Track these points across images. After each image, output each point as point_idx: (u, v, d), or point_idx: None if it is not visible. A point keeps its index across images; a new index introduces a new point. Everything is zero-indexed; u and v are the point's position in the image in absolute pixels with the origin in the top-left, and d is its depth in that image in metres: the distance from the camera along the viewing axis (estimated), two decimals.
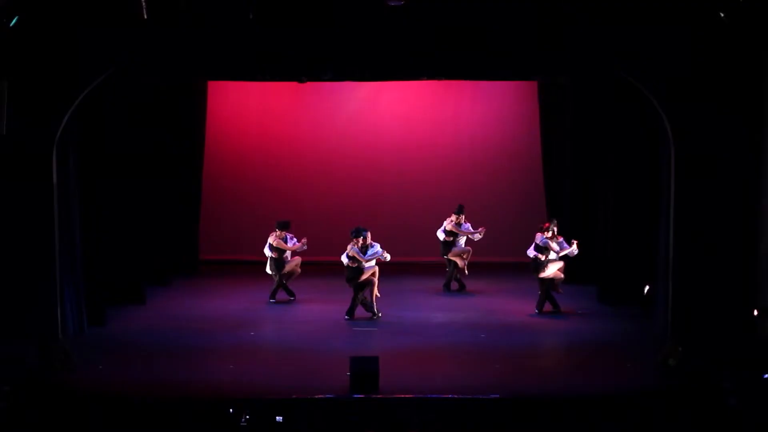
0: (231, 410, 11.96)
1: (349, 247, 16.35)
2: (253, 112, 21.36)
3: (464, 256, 18.39)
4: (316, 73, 15.32)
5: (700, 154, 14.36)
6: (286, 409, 12.06)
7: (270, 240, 17.44)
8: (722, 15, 13.49)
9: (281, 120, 21.35)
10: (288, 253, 17.57)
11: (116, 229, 16.88)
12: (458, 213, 18.30)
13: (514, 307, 17.23)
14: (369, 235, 16.51)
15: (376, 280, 16.46)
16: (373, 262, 16.43)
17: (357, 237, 16.40)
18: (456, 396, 12.36)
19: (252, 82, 19.76)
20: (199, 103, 20.11)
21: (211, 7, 13.93)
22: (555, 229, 16.72)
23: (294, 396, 12.37)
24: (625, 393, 12.58)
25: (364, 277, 16.34)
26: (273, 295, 17.77)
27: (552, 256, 16.62)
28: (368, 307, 16.51)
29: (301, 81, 16.37)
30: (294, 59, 14.72)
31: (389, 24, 14.05)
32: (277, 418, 11.96)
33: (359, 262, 16.29)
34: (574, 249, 16.68)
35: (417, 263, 20.19)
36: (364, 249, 16.39)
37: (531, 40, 14.25)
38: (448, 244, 18.35)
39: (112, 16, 13.64)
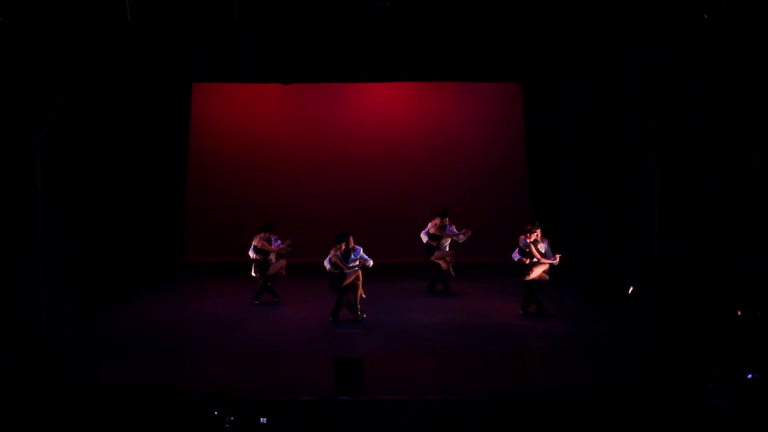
0: (216, 412, 11.94)
1: (331, 252, 16.32)
2: (238, 114, 21.29)
3: (447, 259, 18.39)
4: (300, 74, 15.31)
5: (688, 156, 14.40)
6: (270, 411, 12.04)
7: (254, 242, 17.43)
8: (705, 16, 13.53)
9: (266, 121, 21.30)
10: (272, 255, 17.56)
11: (103, 231, 16.87)
12: (442, 216, 18.31)
13: (499, 308, 17.23)
14: (351, 239, 16.50)
15: (359, 282, 16.45)
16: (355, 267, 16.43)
17: (339, 242, 16.35)
18: (441, 397, 12.38)
19: (237, 83, 19.72)
20: (184, 104, 20.05)
21: (196, 8, 13.92)
22: (539, 231, 16.68)
23: (278, 398, 12.37)
24: (611, 394, 12.62)
25: (347, 282, 16.33)
26: (258, 297, 17.75)
27: (536, 258, 16.61)
28: (352, 308, 16.50)
29: (285, 82, 16.35)
30: (279, 60, 14.71)
31: (374, 25, 14.06)
32: (261, 419, 11.95)
33: (341, 268, 16.28)
34: (555, 261, 16.62)
35: (402, 264, 20.12)
36: (346, 254, 16.35)
37: (517, 41, 14.27)
38: (432, 248, 18.36)
39: (96, 17, 13.62)
